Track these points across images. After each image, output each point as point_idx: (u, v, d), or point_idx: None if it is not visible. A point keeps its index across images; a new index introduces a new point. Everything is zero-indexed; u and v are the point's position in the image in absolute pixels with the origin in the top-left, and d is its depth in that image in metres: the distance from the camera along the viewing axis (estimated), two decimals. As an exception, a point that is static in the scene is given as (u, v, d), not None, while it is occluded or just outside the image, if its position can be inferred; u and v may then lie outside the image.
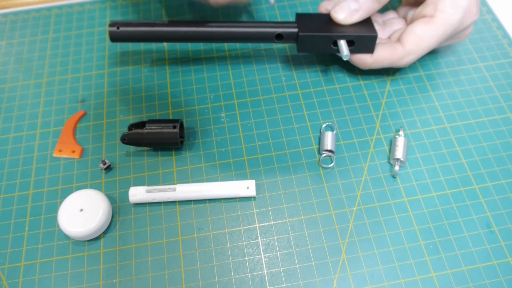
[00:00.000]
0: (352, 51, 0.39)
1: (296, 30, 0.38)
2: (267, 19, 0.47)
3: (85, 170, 0.39)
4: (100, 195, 0.36)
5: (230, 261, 0.34)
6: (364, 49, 0.38)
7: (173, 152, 0.39)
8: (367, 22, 0.39)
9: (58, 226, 0.36)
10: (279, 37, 0.39)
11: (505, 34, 0.45)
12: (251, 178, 0.37)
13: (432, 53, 0.44)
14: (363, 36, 0.38)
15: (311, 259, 0.34)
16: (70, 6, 0.50)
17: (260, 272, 0.34)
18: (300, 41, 0.38)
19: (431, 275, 0.33)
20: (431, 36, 0.37)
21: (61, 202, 0.37)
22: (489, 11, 0.47)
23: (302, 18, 0.39)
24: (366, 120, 0.40)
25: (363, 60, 0.39)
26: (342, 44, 0.38)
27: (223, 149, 0.39)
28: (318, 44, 0.39)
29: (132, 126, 0.37)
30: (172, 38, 0.39)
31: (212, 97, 0.42)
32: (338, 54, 0.40)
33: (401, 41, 0.38)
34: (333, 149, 0.38)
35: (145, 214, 0.36)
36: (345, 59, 0.38)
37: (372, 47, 0.38)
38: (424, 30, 0.37)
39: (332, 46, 0.38)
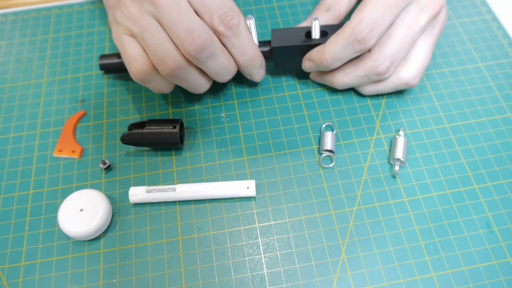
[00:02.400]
0: None
1: (269, 47, 0.39)
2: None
3: (85, 170, 0.39)
4: (100, 195, 0.36)
5: (230, 261, 0.34)
6: None
7: (173, 152, 0.39)
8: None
9: (58, 226, 0.36)
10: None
11: (505, 34, 0.45)
12: (251, 178, 0.37)
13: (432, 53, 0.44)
14: (336, 25, 0.38)
15: (311, 259, 0.34)
16: (70, 6, 0.50)
17: (260, 272, 0.34)
18: (273, 36, 0.38)
19: (431, 275, 0.33)
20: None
21: (61, 202, 0.37)
22: (489, 11, 0.47)
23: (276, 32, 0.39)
24: (366, 120, 0.40)
25: (320, 51, 0.37)
26: (315, 25, 0.37)
27: (223, 149, 0.39)
28: (290, 37, 0.38)
29: (132, 126, 0.37)
30: None
31: (212, 97, 0.42)
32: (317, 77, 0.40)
33: (350, 20, 0.36)
34: (333, 149, 0.38)
35: (145, 214, 0.36)
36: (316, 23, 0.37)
37: None
38: (365, 1, 0.35)
39: (306, 37, 0.38)
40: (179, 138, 0.37)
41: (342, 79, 0.38)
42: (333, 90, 0.42)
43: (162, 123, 0.37)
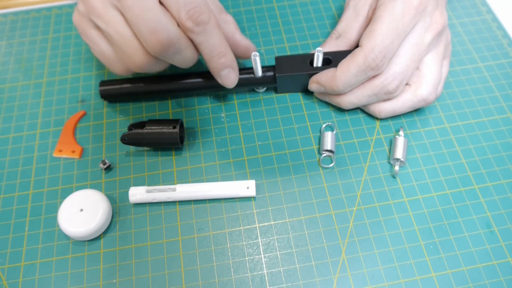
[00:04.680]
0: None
1: (273, 73, 0.39)
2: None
3: (85, 170, 0.39)
4: (100, 195, 0.36)
5: (230, 261, 0.34)
6: None
7: (173, 152, 0.39)
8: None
9: (58, 226, 0.36)
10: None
11: (505, 34, 0.45)
12: (251, 178, 0.37)
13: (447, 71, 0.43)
14: (339, 52, 0.39)
15: (311, 259, 0.34)
16: (70, 6, 0.50)
17: (260, 272, 0.34)
18: (277, 63, 0.39)
19: (431, 275, 0.33)
20: (386, 23, 0.35)
21: (61, 202, 0.37)
22: (489, 11, 0.47)
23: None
24: (366, 120, 0.40)
25: (331, 77, 0.37)
26: (318, 56, 0.38)
27: (223, 149, 0.39)
28: (295, 64, 0.39)
29: (132, 126, 0.37)
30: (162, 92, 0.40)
31: (212, 97, 0.42)
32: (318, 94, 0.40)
33: (360, 44, 0.36)
34: (333, 149, 0.38)
35: (145, 214, 0.36)
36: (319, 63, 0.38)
37: None
38: (374, 26, 0.36)
39: (310, 64, 0.39)
40: (179, 138, 0.37)
41: (349, 99, 0.38)
42: (333, 90, 0.42)
43: (162, 123, 0.37)
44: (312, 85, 0.39)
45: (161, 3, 0.32)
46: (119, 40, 0.32)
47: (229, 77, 0.36)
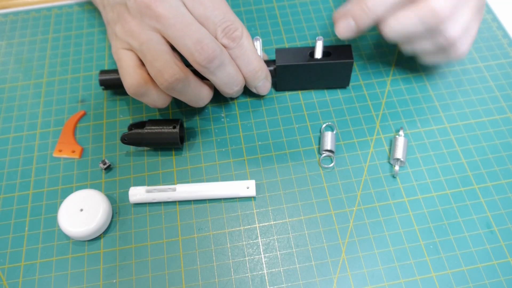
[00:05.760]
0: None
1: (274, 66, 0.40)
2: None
3: (85, 170, 0.39)
4: (100, 195, 0.36)
5: (230, 261, 0.34)
6: (341, 57, 0.38)
7: (173, 152, 0.39)
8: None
9: (58, 226, 0.36)
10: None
11: (505, 34, 0.45)
12: (251, 178, 0.37)
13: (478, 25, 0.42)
14: (338, 46, 0.39)
15: (311, 259, 0.34)
16: (70, 6, 0.50)
17: (260, 272, 0.34)
18: (277, 55, 0.39)
19: (431, 275, 0.33)
20: None
21: (61, 202, 0.37)
22: (489, 11, 0.47)
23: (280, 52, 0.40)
24: (366, 120, 0.40)
25: (358, 1, 0.34)
26: (319, 44, 0.38)
27: (223, 149, 0.39)
28: (295, 55, 0.39)
29: (132, 126, 0.37)
30: None
31: (212, 97, 0.42)
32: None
33: None
34: (333, 149, 0.38)
35: (145, 214, 0.36)
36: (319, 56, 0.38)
37: (350, 54, 0.38)
38: None
39: (310, 56, 0.39)
40: (179, 138, 0.37)
41: (390, 24, 0.34)
42: (333, 90, 0.42)
43: (162, 123, 0.37)
44: (340, 25, 0.36)
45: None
46: (152, 56, 0.33)
47: (264, 86, 0.39)
